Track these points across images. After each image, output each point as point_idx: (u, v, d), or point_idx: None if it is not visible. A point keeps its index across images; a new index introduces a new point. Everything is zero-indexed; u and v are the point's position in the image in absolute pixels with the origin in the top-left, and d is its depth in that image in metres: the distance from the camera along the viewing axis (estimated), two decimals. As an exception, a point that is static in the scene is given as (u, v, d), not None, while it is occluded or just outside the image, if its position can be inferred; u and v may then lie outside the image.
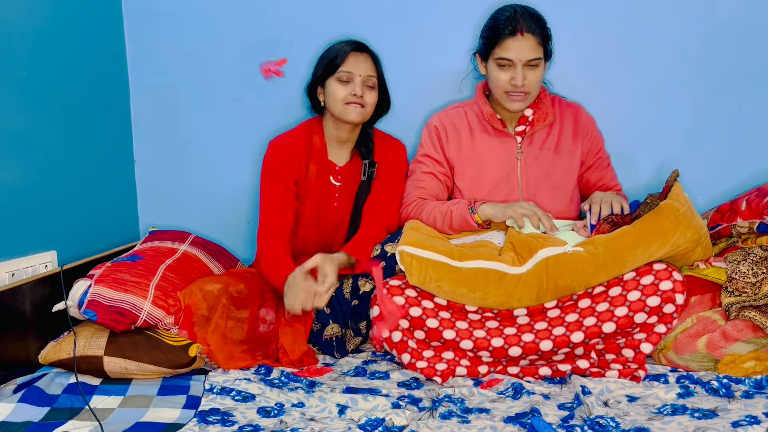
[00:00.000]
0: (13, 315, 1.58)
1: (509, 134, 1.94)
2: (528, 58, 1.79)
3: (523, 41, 1.78)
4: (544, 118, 1.93)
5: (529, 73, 1.81)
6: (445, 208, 1.86)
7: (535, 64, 1.81)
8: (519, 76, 1.80)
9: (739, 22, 2.00)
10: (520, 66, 1.80)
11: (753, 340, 1.55)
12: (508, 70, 1.82)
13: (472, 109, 1.99)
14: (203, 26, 2.18)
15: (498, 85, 1.85)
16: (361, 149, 1.99)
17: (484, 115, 1.94)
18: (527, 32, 1.78)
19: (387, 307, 1.59)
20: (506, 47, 1.80)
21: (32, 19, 1.77)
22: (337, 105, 1.89)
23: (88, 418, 1.39)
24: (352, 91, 1.88)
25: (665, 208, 1.63)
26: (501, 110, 1.95)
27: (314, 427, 1.35)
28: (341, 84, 1.89)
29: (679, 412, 1.37)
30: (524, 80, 1.80)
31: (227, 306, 1.71)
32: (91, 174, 2.01)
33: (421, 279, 1.64)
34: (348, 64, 1.88)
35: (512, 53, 1.79)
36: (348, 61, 1.88)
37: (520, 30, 1.78)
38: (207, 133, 2.23)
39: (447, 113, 2.01)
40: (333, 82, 1.89)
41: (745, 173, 2.04)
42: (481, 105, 1.95)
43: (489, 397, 1.51)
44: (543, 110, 1.93)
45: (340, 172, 1.99)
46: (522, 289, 1.61)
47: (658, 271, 1.58)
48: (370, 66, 1.91)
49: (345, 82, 1.89)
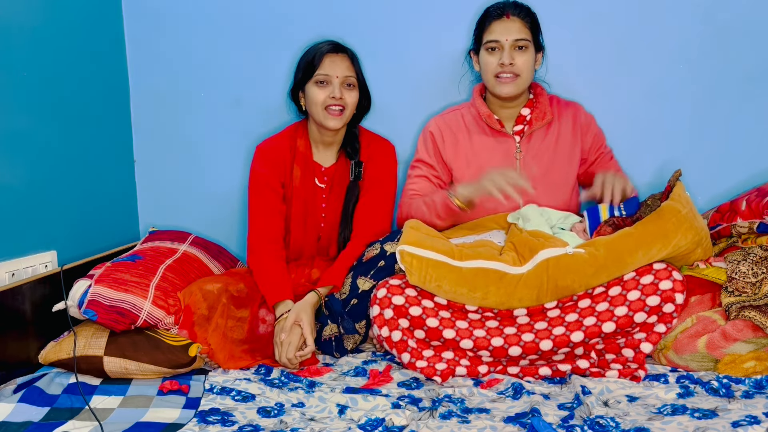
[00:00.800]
0: (13, 315, 1.58)
1: (507, 134, 1.95)
2: (514, 38, 1.83)
3: (509, 23, 1.84)
4: (542, 117, 1.93)
5: (517, 56, 1.84)
6: (429, 200, 1.88)
7: (522, 45, 1.84)
8: (506, 55, 1.83)
9: (739, 22, 2.00)
10: (507, 46, 1.84)
11: (753, 340, 1.55)
12: (496, 54, 1.86)
13: (470, 111, 1.99)
14: (203, 26, 2.18)
15: (488, 69, 1.88)
16: (347, 149, 1.99)
17: (481, 116, 1.95)
18: (513, 15, 1.85)
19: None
20: (492, 30, 1.85)
21: (32, 18, 1.77)
22: (317, 109, 1.88)
23: (88, 418, 1.39)
24: (330, 94, 1.86)
25: (667, 210, 1.63)
26: (498, 110, 1.95)
27: (314, 427, 1.35)
28: (319, 87, 1.87)
29: (679, 412, 1.37)
30: (512, 60, 1.83)
31: (227, 305, 1.71)
32: (91, 174, 2.01)
33: (421, 278, 1.64)
34: (325, 67, 1.86)
35: (498, 34, 1.84)
36: (324, 64, 1.86)
37: (506, 14, 1.85)
38: (207, 133, 2.23)
39: (443, 117, 2.02)
40: (312, 86, 1.88)
41: (745, 173, 2.04)
42: (479, 106, 1.96)
43: (489, 397, 1.50)
44: (541, 109, 1.93)
45: (326, 173, 1.98)
46: (522, 289, 1.61)
47: (657, 271, 1.58)
48: (347, 66, 1.89)
49: (323, 84, 1.87)
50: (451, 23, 2.08)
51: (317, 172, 1.98)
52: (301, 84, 1.91)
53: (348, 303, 1.77)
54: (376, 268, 1.76)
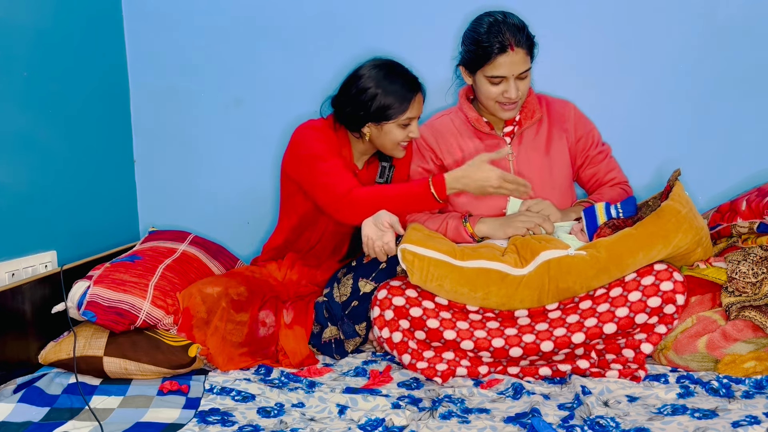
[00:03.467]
0: (13, 315, 1.58)
1: (498, 136, 1.94)
2: (520, 71, 1.79)
3: (513, 56, 1.76)
4: (531, 116, 1.92)
5: (520, 84, 1.81)
6: (439, 221, 1.88)
7: (525, 75, 1.81)
8: (512, 89, 1.79)
9: (739, 22, 2.00)
10: (512, 80, 1.79)
11: (753, 340, 1.55)
12: (499, 85, 1.81)
13: (458, 116, 1.98)
14: (203, 26, 2.18)
15: (489, 97, 1.84)
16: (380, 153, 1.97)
17: (470, 121, 1.94)
18: (517, 47, 1.76)
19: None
20: (497, 65, 1.77)
21: (33, 19, 1.77)
22: (393, 146, 1.86)
23: (88, 418, 1.39)
24: (410, 133, 1.85)
25: (667, 210, 1.63)
26: (487, 114, 1.94)
27: (314, 427, 1.35)
28: (402, 128, 1.84)
29: (679, 412, 1.37)
30: (517, 92, 1.80)
31: (227, 309, 1.70)
32: (91, 174, 2.02)
33: (422, 277, 1.64)
34: (413, 110, 1.82)
35: (504, 70, 1.78)
36: (413, 107, 1.82)
37: (509, 46, 1.75)
38: (207, 133, 2.23)
39: (433, 123, 2.00)
40: (393, 126, 1.83)
41: (745, 173, 2.04)
42: (467, 110, 1.94)
43: (489, 397, 1.50)
44: (530, 108, 1.92)
45: (359, 175, 1.96)
46: (524, 290, 1.61)
47: (658, 272, 1.58)
48: (422, 107, 1.88)
49: (405, 126, 1.84)
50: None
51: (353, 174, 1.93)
52: (377, 120, 1.82)
53: (349, 305, 1.77)
54: (378, 270, 1.75)
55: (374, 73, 1.82)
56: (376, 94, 1.80)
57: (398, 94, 1.80)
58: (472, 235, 1.83)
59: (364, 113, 1.82)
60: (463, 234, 1.84)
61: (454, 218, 1.87)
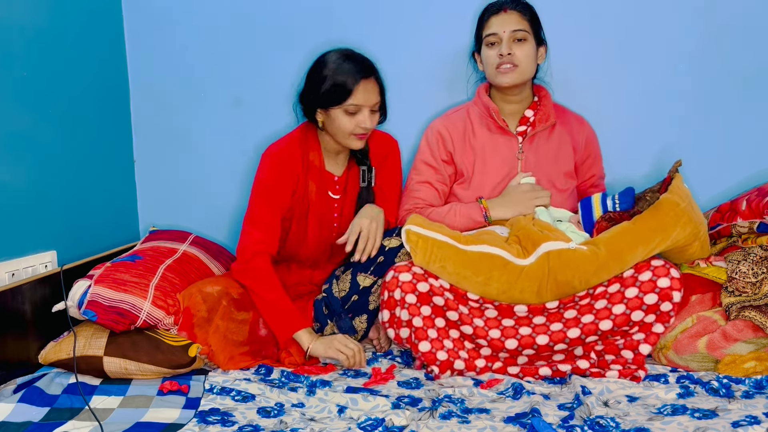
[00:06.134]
0: (13, 315, 1.58)
1: (511, 133, 1.95)
2: (512, 29, 1.84)
3: (506, 16, 1.86)
4: (545, 119, 1.92)
5: (516, 48, 1.85)
6: (447, 208, 1.88)
7: (521, 37, 1.84)
8: (505, 46, 1.84)
9: (739, 22, 2.00)
10: (505, 38, 1.84)
11: (753, 340, 1.55)
12: (496, 47, 1.87)
13: (474, 109, 1.98)
14: (203, 26, 2.18)
15: (489, 63, 1.89)
16: (357, 155, 1.92)
17: (488, 112, 1.94)
18: (511, 9, 1.86)
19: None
20: (491, 24, 1.87)
21: (32, 18, 1.77)
22: (343, 135, 1.79)
23: (88, 418, 1.39)
24: (360, 123, 1.76)
25: (665, 203, 1.63)
26: (502, 106, 1.95)
27: (314, 427, 1.35)
28: (349, 116, 1.76)
29: (679, 412, 1.37)
30: (510, 50, 1.84)
31: (227, 308, 1.70)
32: (91, 174, 2.01)
33: (426, 258, 1.64)
34: (357, 96, 1.73)
35: (496, 27, 1.86)
36: (358, 93, 1.73)
37: (503, 8, 1.87)
38: (207, 133, 2.23)
39: (449, 117, 2.00)
40: (339, 112, 1.75)
41: (745, 173, 2.04)
42: (486, 101, 1.95)
43: (489, 397, 1.50)
44: (544, 111, 1.93)
45: (338, 183, 1.93)
46: (524, 280, 1.61)
47: (656, 268, 1.58)
48: (377, 92, 1.78)
49: (353, 114, 1.76)
50: (452, 21, 2.08)
51: (330, 183, 1.91)
52: (324, 105, 1.77)
53: (348, 300, 1.77)
54: (376, 264, 1.76)
55: (333, 57, 1.78)
56: (326, 75, 1.75)
57: (346, 75, 1.73)
58: (485, 213, 1.84)
59: (314, 96, 1.78)
60: (475, 215, 1.85)
61: (463, 205, 1.88)
